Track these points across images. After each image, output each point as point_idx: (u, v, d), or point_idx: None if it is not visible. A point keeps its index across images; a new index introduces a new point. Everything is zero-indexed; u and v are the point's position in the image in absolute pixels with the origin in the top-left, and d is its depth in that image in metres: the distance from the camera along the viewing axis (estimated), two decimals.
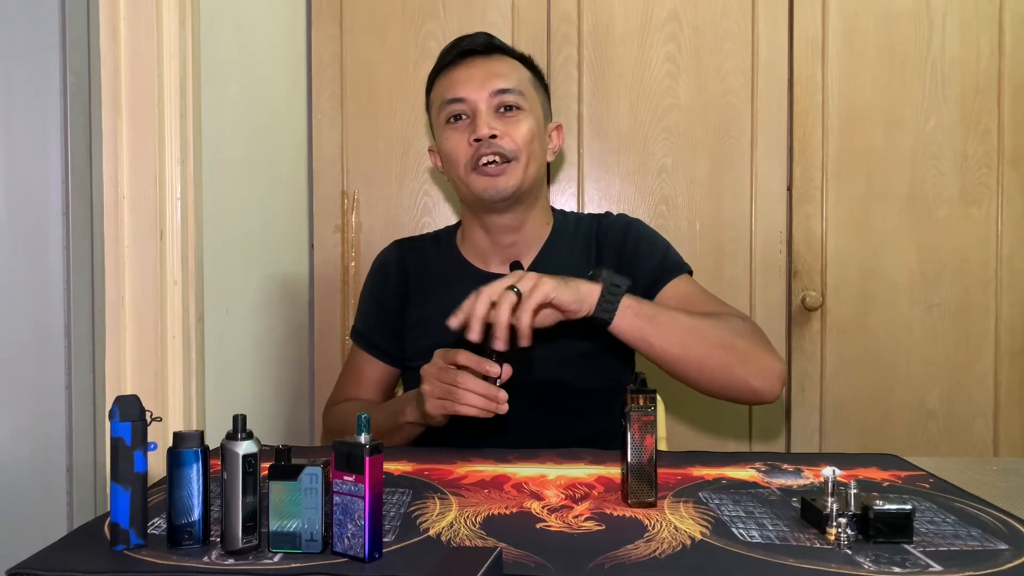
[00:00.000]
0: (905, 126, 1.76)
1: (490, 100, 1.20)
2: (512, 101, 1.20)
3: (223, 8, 1.27)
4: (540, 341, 1.22)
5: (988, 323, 1.77)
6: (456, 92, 1.21)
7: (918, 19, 1.75)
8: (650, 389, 0.85)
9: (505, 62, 1.24)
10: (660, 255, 1.28)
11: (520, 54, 1.28)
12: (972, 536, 0.75)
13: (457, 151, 1.20)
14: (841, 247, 1.77)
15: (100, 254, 1.04)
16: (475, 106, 1.20)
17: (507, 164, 1.18)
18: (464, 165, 1.19)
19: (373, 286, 1.36)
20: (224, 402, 1.24)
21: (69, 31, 0.98)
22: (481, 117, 1.19)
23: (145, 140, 1.07)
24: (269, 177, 1.53)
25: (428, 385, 1.03)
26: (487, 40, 1.25)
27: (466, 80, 1.21)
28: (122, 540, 0.71)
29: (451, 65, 1.24)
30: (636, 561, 0.68)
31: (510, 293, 0.96)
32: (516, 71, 1.24)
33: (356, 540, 0.68)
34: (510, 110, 1.21)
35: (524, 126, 1.20)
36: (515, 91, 1.21)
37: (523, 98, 1.22)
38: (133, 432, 0.72)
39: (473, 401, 0.99)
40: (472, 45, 1.24)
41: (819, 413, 1.78)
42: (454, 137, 1.21)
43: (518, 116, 1.21)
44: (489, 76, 1.21)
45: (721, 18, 1.76)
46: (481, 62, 1.23)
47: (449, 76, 1.24)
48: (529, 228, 1.27)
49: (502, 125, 1.19)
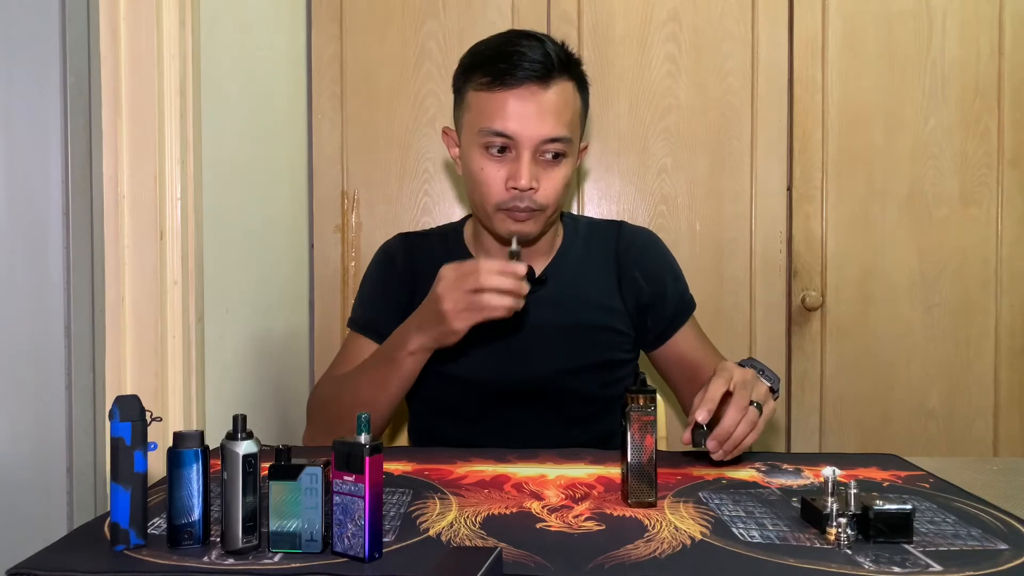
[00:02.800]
0: (905, 126, 1.76)
1: (538, 146, 1.11)
2: (559, 150, 1.12)
3: (223, 8, 1.27)
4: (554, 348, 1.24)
5: (988, 323, 1.77)
6: (505, 126, 1.10)
7: (918, 19, 1.75)
8: (650, 389, 0.85)
9: (564, 93, 1.12)
10: (680, 290, 1.32)
11: (575, 68, 1.16)
12: (972, 536, 0.75)
13: (490, 185, 1.14)
14: (841, 247, 1.77)
15: (100, 254, 1.04)
16: (520, 147, 1.10)
17: (535, 212, 1.14)
18: (493, 204, 1.15)
19: (378, 273, 1.32)
20: (224, 402, 1.24)
21: (69, 31, 0.98)
22: (524, 165, 1.10)
23: (145, 140, 1.07)
24: (269, 177, 1.53)
25: (449, 302, 1.02)
26: (545, 62, 1.10)
27: (519, 116, 1.10)
28: (122, 540, 0.71)
29: (504, 85, 1.10)
30: (636, 561, 0.68)
31: (754, 410, 0.95)
32: (571, 104, 1.14)
33: (356, 540, 0.68)
34: (556, 158, 1.13)
35: (561, 176, 1.14)
36: (564, 140, 1.12)
37: (569, 144, 1.13)
38: (133, 432, 0.72)
39: (500, 302, 1.00)
40: (533, 70, 1.09)
41: (819, 413, 1.78)
42: (490, 168, 1.13)
43: (559, 165, 1.14)
44: (544, 116, 1.10)
45: (721, 18, 1.76)
46: (538, 93, 1.10)
47: (499, 98, 1.10)
48: (541, 242, 1.26)
49: (542, 173, 1.13)
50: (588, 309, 1.25)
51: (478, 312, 1.01)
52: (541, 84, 1.10)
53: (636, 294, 1.27)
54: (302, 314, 1.75)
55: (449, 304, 1.02)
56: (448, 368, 1.23)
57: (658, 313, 1.28)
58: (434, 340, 1.08)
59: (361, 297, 1.34)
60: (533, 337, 1.22)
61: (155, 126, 1.07)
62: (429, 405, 1.30)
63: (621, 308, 1.27)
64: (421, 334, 1.08)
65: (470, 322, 1.03)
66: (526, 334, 1.22)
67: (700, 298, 1.36)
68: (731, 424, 0.93)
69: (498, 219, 1.16)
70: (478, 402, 1.24)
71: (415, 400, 1.34)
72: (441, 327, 1.05)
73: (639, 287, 1.27)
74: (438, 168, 1.78)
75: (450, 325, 1.03)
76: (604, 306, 1.26)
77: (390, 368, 1.12)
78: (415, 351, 1.10)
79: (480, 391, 1.23)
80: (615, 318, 1.26)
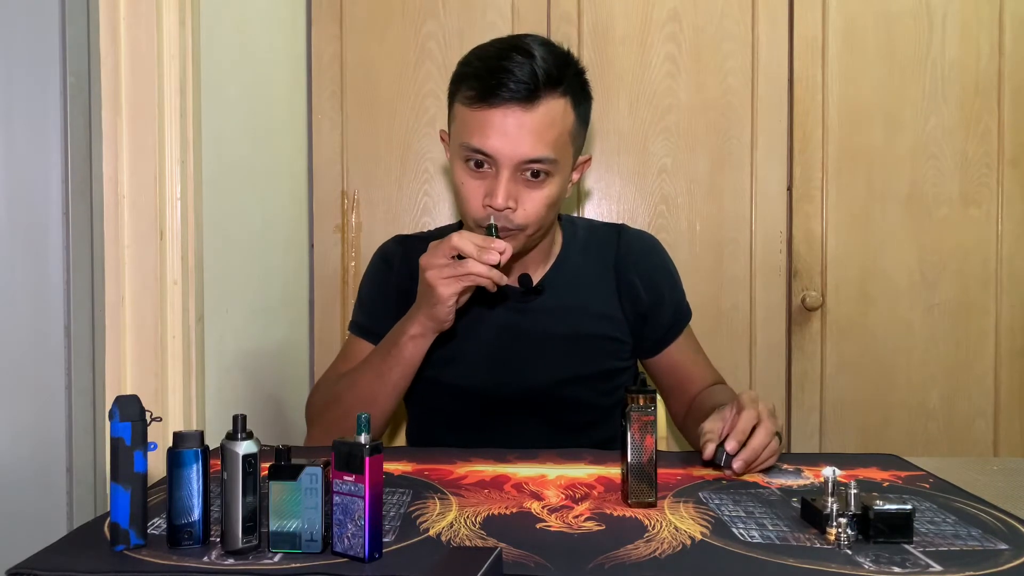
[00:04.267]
0: (905, 126, 1.76)
1: (517, 166, 1.07)
2: (540, 169, 1.08)
3: (223, 8, 1.27)
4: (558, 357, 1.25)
5: (988, 323, 1.77)
6: (484, 144, 1.07)
7: (918, 19, 1.75)
8: (650, 389, 0.85)
9: (550, 112, 1.07)
10: (678, 299, 1.32)
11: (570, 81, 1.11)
12: (972, 536, 0.75)
13: (469, 201, 1.12)
14: (841, 247, 1.77)
15: (100, 254, 1.04)
16: (499, 165, 1.07)
17: (512, 231, 1.11)
18: (472, 219, 1.13)
19: (376, 275, 1.32)
20: (224, 402, 1.24)
21: (69, 31, 0.98)
22: (501, 184, 1.07)
23: (145, 140, 1.07)
24: (269, 177, 1.53)
25: (431, 271, 1.03)
26: (531, 81, 1.05)
27: (499, 134, 1.06)
28: (122, 540, 0.71)
29: (486, 103, 1.07)
30: (636, 561, 0.68)
31: (776, 443, 0.98)
32: (558, 123, 1.08)
33: (356, 540, 0.68)
34: (537, 176, 1.09)
35: (543, 197, 1.10)
36: (547, 160, 1.08)
37: (554, 164, 1.09)
38: (133, 432, 0.72)
39: (479, 268, 1.01)
40: (517, 91, 1.05)
41: (819, 413, 1.78)
42: (469, 183, 1.11)
43: (543, 185, 1.10)
44: (524, 136, 1.06)
45: (721, 18, 1.76)
46: (521, 113, 1.06)
47: (481, 116, 1.07)
48: (536, 250, 1.24)
49: (523, 192, 1.09)
50: (587, 318, 1.24)
51: (461, 277, 1.02)
52: (524, 105, 1.06)
53: (634, 301, 1.26)
54: (302, 314, 1.75)
55: (432, 272, 1.03)
56: (447, 377, 1.22)
57: (655, 322, 1.28)
58: (429, 317, 1.08)
59: (360, 301, 1.33)
60: (532, 346, 1.22)
61: (155, 126, 1.07)
62: (428, 413, 1.30)
63: (620, 316, 1.26)
64: (417, 314, 1.09)
65: (454, 288, 1.03)
66: (525, 343, 1.22)
67: (700, 298, 1.36)
68: (760, 446, 0.95)
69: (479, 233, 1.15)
70: (477, 411, 1.24)
71: (414, 407, 1.34)
72: (430, 298, 1.05)
73: (637, 294, 1.26)
74: (438, 168, 1.78)
75: (436, 292, 1.03)
76: (603, 315, 1.25)
77: (391, 356, 1.12)
78: (415, 335, 1.10)
79: (479, 400, 1.23)
80: (614, 327, 1.26)
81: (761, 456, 0.95)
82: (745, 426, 0.95)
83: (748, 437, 0.95)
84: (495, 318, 1.23)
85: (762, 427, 0.96)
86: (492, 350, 1.22)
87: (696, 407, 1.23)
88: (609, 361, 1.26)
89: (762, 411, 0.97)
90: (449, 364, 1.22)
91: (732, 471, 0.94)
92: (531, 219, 1.11)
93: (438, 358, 1.18)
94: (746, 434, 0.95)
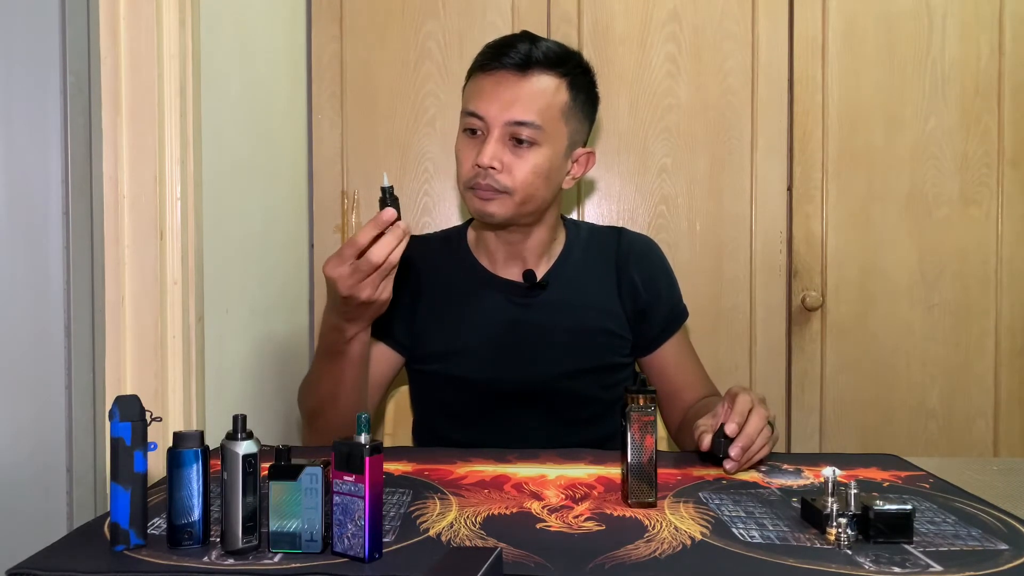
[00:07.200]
0: (905, 126, 1.76)
1: (504, 128, 1.14)
2: (526, 136, 1.14)
3: (223, 8, 1.27)
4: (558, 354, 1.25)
5: (988, 323, 1.77)
6: (477, 107, 1.15)
7: (918, 19, 1.75)
8: (650, 389, 0.85)
9: (541, 83, 1.15)
10: (674, 299, 1.34)
11: (569, 68, 1.18)
12: (972, 536, 0.75)
13: (461, 164, 1.18)
14: (841, 247, 1.77)
15: (100, 254, 1.04)
16: (489, 127, 1.14)
17: (499, 194, 1.15)
18: (463, 181, 1.18)
19: None
20: (224, 402, 1.24)
21: (69, 31, 0.98)
22: (489, 144, 1.13)
23: (145, 140, 1.07)
24: (269, 177, 1.53)
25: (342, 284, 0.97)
26: (527, 55, 1.15)
27: (490, 98, 1.15)
28: (122, 540, 0.71)
29: (486, 70, 1.17)
30: (636, 561, 0.68)
31: (768, 430, 0.99)
32: (547, 97, 1.15)
33: (356, 540, 0.68)
34: (522, 143, 1.14)
35: (530, 163, 1.15)
36: (532, 125, 1.13)
37: (540, 132, 1.14)
38: (133, 432, 0.72)
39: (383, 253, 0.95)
40: (512, 59, 1.15)
41: (819, 413, 1.78)
42: (463, 149, 1.18)
43: (529, 152, 1.15)
44: (513, 102, 1.14)
45: (721, 18, 1.76)
46: (513, 80, 1.15)
47: (479, 83, 1.17)
48: (536, 240, 1.25)
49: (509, 157, 1.15)
50: (589, 313, 1.26)
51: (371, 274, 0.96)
52: (518, 72, 1.15)
53: (634, 298, 1.28)
54: (302, 314, 1.75)
55: (342, 282, 0.97)
56: (451, 370, 1.24)
57: (651, 319, 1.30)
58: (361, 319, 1.04)
59: None
60: (535, 340, 1.23)
61: (155, 126, 1.07)
62: (432, 406, 1.31)
63: (620, 312, 1.28)
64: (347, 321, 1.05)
65: (372, 287, 0.97)
66: (528, 337, 1.23)
67: (700, 299, 1.36)
68: (755, 431, 0.96)
69: (468, 198, 1.19)
70: (480, 404, 1.25)
71: (419, 401, 1.35)
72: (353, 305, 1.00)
73: (637, 291, 1.29)
74: (438, 168, 1.78)
75: (357, 297, 0.98)
76: (604, 310, 1.27)
77: (339, 361, 1.10)
78: (352, 336, 1.07)
79: (482, 393, 1.24)
80: (615, 322, 1.27)
81: (756, 443, 0.96)
82: (743, 408, 0.97)
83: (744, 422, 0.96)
84: (499, 312, 1.24)
85: (755, 413, 0.97)
86: (496, 344, 1.23)
87: (690, 418, 1.23)
88: (611, 355, 1.27)
89: (754, 399, 1.00)
90: (453, 357, 1.23)
91: (730, 459, 0.94)
92: (517, 184, 1.15)
93: (443, 351, 1.19)
94: (744, 416, 0.96)
